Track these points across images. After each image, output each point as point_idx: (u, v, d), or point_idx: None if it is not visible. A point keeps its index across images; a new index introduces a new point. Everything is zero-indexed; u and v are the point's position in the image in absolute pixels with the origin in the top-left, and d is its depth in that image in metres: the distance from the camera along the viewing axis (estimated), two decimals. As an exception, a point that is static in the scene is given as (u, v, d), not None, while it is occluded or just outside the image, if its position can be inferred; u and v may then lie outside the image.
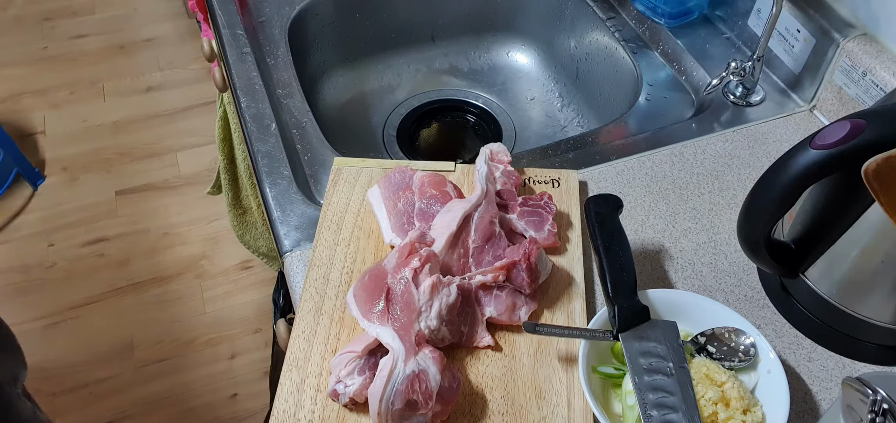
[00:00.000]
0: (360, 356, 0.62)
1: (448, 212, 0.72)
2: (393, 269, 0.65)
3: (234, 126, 1.30)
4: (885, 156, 0.53)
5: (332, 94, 1.17)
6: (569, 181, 0.80)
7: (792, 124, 0.92)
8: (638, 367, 0.60)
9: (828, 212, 0.65)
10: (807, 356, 0.68)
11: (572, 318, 0.68)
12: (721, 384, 0.60)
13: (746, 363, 0.63)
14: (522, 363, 0.65)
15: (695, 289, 0.73)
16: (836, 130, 0.56)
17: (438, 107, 1.17)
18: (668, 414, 0.57)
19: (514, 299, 0.67)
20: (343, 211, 0.77)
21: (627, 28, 1.08)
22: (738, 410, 0.58)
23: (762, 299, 0.73)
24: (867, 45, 0.86)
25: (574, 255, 0.73)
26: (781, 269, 0.69)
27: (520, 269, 0.67)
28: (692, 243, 0.77)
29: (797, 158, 0.58)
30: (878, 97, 0.84)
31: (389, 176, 0.77)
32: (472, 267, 0.69)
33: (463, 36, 1.24)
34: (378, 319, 0.62)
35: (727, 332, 0.64)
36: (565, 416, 0.61)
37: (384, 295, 0.63)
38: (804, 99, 0.95)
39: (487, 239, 0.71)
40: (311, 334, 0.66)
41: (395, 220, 0.74)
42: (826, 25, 0.89)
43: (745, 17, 1.02)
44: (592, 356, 0.63)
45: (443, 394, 0.59)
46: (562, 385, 0.63)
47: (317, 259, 0.73)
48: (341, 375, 0.61)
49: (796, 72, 0.95)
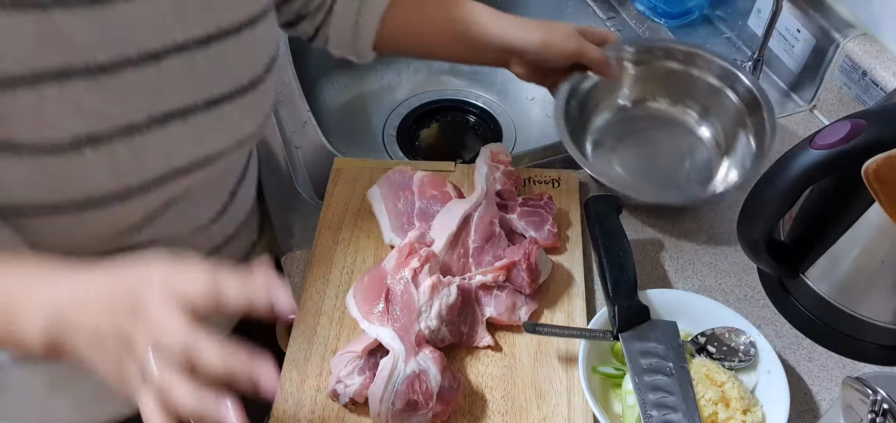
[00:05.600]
0: (360, 356, 0.62)
1: (448, 212, 0.72)
2: (393, 269, 0.65)
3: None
4: (885, 156, 0.53)
5: (332, 94, 1.17)
6: (569, 181, 0.80)
7: (792, 124, 0.92)
8: (638, 367, 0.60)
9: (828, 212, 0.65)
10: (807, 355, 0.68)
11: (572, 318, 0.68)
12: (721, 384, 0.60)
13: (746, 363, 0.63)
14: (522, 363, 0.65)
15: (695, 289, 0.73)
16: (836, 130, 0.56)
17: (438, 107, 1.17)
18: (668, 414, 0.57)
19: (514, 299, 0.67)
20: (343, 211, 0.77)
21: (628, 28, 1.08)
22: (738, 410, 0.58)
23: (762, 299, 0.73)
24: (867, 45, 0.86)
25: (574, 255, 0.73)
26: (781, 269, 0.69)
27: (520, 269, 0.67)
28: (692, 243, 0.77)
29: (797, 159, 0.58)
30: (878, 97, 0.84)
31: (389, 176, 0.77)
32: (472, 267, 0.69)
33: (463, 36, 1.24)
34: (378, 319, 0.62)
35: (727, 332, 0.64)
36: (565, 416, 0.61)
37: (384, 295, 0.63)
38: (804, 99, 0.95)
39: (487, 239, 0.71)
40: (311, 334, 0.66)
41: (395, 220, 0.74)
42: (826, 25, 0.89)
43: (745, 17, 1.02)
44: (592, 355, 0.63)
45: (443, 394, 0.59)
46: (562, 385, 0.63)
47: (317, 259, 0.73)
48: (341, 375, 0.61)
49: (796, 72, 0.95)
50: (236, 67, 0.59)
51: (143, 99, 0.53)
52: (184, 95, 0.55)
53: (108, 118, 0.51)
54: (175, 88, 0.55)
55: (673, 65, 0.85)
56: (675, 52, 0.85)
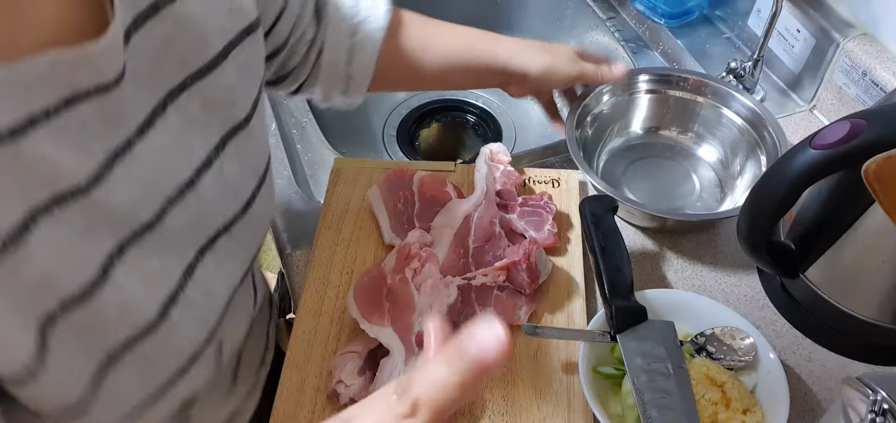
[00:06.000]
0: (360, 356, 0.62)
1: (448, 212, 0.72)
2: (393, 269, 0.65)
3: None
4: (885, 156, 0.53)
5: (332, 94, 1.17)
6: (569, 181, 0.80)
7: (792, 124, 0.92)
8: (636, 367, 0.60)
9: (828, 212, 0.65)
10: (807, 356, 0.68)
11: (572, 318, 0.68)
12: (721, 384, 0.60)
13: (746, 362, 0.63)
14: (522, 364, 0.65)
15: (695, 289, 0.73)
16: (836, 130, 0.56)
17: (438, 107, 1.17)
18: (668, 414, 0.57)
19: (514, 300, 0.67)
20: (343, 211, 0.77)
21: (627, 28, 1.08)
22: (738, 410, 0.58)
23: (762, 299, 0.73)
24: (867, 45, 0.86)
25: (574, 255, 0.73)
26: (781, 269, 0.69)
27: (520, 269, 0.67)
28: (692, 243, 0.77)
29: (797, 158, 0.58)
30: (878, 97, 0.84)
31: (389, 176, 0.77)
32: (472, 267, 0.69)
33: (463, 36, 1.24)
34: (378, 319, 0.62)
35: (727, 332, 0.64)
36: (565, 416, 0.61)
37: (384, 296, 0.63)
38: (804, 99, 0.95)
39: (487, 239, 0.71)
40: (311, 335, 0.66)
41: (395, 220, 0.74)
42: (826, 25, 0.89)
43: (745, 17, 1.02)
44: (592, 356, 0.63)
45: (443, 394, 0.59)
46: (562, 386, 0.63)
47: (317, 259, 0.73)
48: (341, 375, 0.61)
49: (796, 72, 0.95)
50: (254, 158, 0.56)
51: (192, 231, 0.50)
52: (225, 209, 0.53)
53: (172, 269, 0.48)
54: (214, 204, 0.52)
55: (681, 94, 0.86)
56: (683, 80, 0.86)
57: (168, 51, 0.47)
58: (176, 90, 0.47)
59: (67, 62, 0.39)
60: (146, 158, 0.45)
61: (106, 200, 0.43)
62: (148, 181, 0.46)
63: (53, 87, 0.39)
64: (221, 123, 0.52)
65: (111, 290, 0.44)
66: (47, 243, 0.40)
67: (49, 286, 0.41)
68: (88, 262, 0.43)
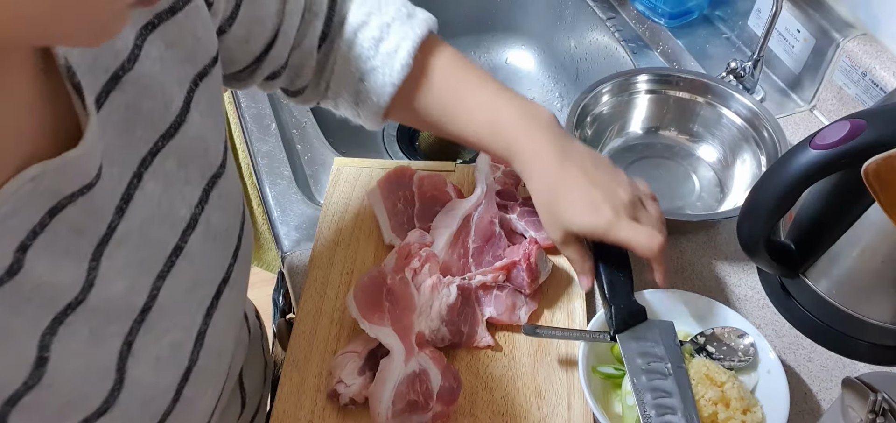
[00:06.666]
0: (360, 356, 0.62)
1: (448, 212, 0.72)
2: (393, 269, 0.65)
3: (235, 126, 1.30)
4: (885, 156, 0.53)
5: (332, 94, 1.17)
6: (569, 181, 0.80)
7: (792, 124, 0.92)
8: (635, 367, 0.60)
9: (828, 212, 0.65)
10: (807, 356, 0.68)
11: (572, 318, 0.68)
12: (721, 384, 0.60)
13: (746, 362, 0.63)
14: (522, 363, 0.65)
15: (695, 289, 0.73)
16: (836, 130, 0.56)
17: (438, 107, 1.16)
18: (667, 414, 0.57)
19: (514, 300, 0.67)
20: (343, 211, 0.77)
21: (627, 28, 1.08)
22: (738, 410, 0.58)
23: (762, 299, 0.73)
24: (867, 45, 0.86)
25: (574, 255, 0.73)
26: (781, 269, 0.69)
27: (520, 269, 0.67)
28: (692, 243, 0.77)
29: (797, 158, 0.58)
30: (878, 97, 0.84)
31: (389, 176, 0.77)
32: (472, 267, 0.69)
33: (463, 36, 1.24)
34: (378, 319, 0.62)
35: (727, 332, 0.64)
36: (565, 416, 0.61)
37: (384, 296, 0.63)
38: (804, 99, 0.95)
39: (487, 239, 0.71)
40: (311, 335, 0.66)
41: (395, 220, 0.74)
42: (826, 25, 0.89)
43: (745, 17, 1.02)
44: (593, 356, 0.63)
45: (443, 394, 0.59)
46: (562, 385, 0.63)
47: (317, 259, 0.73)
48: (341, 375, 0.61)
49: (796, 72, 0.95)
50: (234, 197, 0.54)
51: (193, 296, 0.49)
52: (220, 262, 0.52)
53: (183, 343, 0.48)
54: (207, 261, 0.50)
55: (681, 94, 0.86)
56: (683, 80, 0.86)
57: (136, 118, 0.44)
58: (148, 156, 0.45)
59: (50, 174, 0.36)
60: (130, 240, 0.43)
61: (101, 300, 0.41)
62: (134, 264, 0.43)
63: (38, 203, 0.37)
64: (201, 175, 0.49)
65: (127, 393, 0.43)
66: (62, 367, 0.39)
67: (72, 405, 0.40)
68: (104, 369, 0.41)
